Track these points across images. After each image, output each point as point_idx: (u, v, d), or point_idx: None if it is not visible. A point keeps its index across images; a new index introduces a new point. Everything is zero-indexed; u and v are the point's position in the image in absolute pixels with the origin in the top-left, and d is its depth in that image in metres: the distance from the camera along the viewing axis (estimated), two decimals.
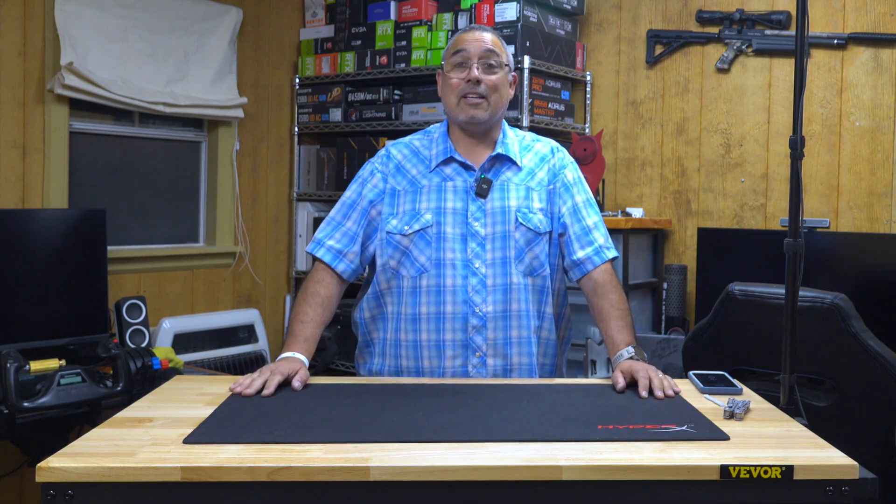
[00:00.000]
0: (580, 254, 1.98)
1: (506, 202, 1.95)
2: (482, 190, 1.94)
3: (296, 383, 1.69)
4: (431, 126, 2.09)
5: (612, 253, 2.00)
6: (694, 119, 3.53)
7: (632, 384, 1.73)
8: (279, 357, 1.82)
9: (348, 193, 2.03)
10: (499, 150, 1.98)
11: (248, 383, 1.67)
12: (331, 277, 1.96)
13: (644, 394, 1.66)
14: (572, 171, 2.05)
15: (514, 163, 1.99)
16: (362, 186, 2.02)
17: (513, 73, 2.03)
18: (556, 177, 2.01)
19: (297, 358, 1.80)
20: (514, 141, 2.03)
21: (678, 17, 3.55)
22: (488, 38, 1.96)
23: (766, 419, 1.56)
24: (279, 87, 4.06)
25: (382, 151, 2.06)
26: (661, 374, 1.73)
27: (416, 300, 1.93)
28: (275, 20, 4.02)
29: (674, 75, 3.57)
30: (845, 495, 1.29)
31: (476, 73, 1.92)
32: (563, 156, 2.06)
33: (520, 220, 1.94)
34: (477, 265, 1.92)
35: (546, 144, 2.07)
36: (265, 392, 1.65)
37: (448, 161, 1.98)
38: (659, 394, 1.66)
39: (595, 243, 1.98)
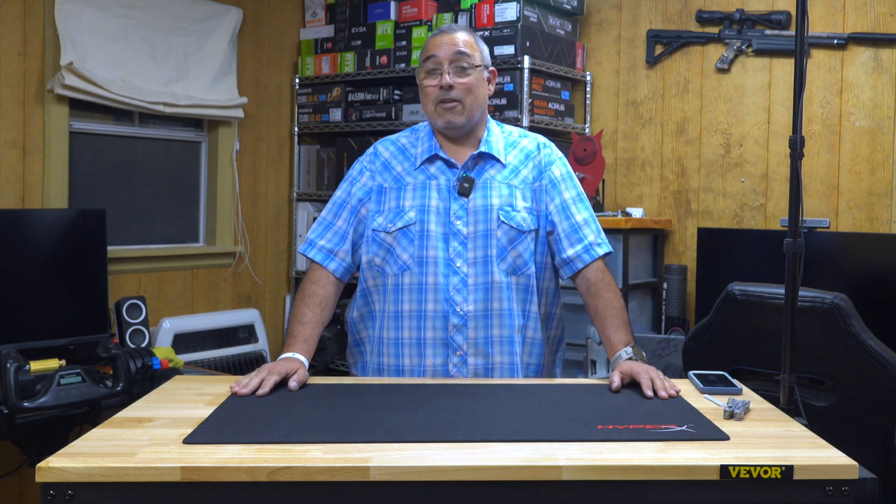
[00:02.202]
0: (570, 252, 1.96)
1: (488, 200, 1.94)
2: (464, 188, 1.93)
3: (292, 383, 1.69)
4: (419, 124, 2.09)
5: (603, 249, 1.97)
6: (694, 119, 3.53)
7: (631, 385, 1.73)
8: (279, 358, 1.82)
9: (338, 193, 2.04)
10: (482, 148, 1.97)
11: (245, 382, 1.67)
12: (327, 277, 1.96)
13: (649, 393, 1.66)
14: (560, 167, 2.02)
15: (498, 160, 1.98)
16: (351, 185, 2.03)
17: (490, 69, 2.00)
18: (542, 174, 1.99)
19: (296, 358, 1.80)
20: (499, 138, 2.02)
21: (678, 17, 3.55)
22: (459, 38, 1.94)
23: (766, 419, 1.56)
24: (279, 87, 4.06)
25: (370, 150, 2.07)
26: (661, 375, 1.73)
27: (398, 297, 1.93)
28: (275, 20, 4.02)
29: (674, 75, 3.57)
30: (845, 495, 1.29)
31: (447, 78, 1.90)
32: (550, 151, 2.03)
33: (502, 218, 1.93)
34: (458, 264, 1.92)
35: (532, 140, 2.04)
36: (260, 392, 1.65)
37: (433, 159, 1.98)
38: (663, 394, 1.66)
39: (585, 240, 1.96)
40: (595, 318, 1.93)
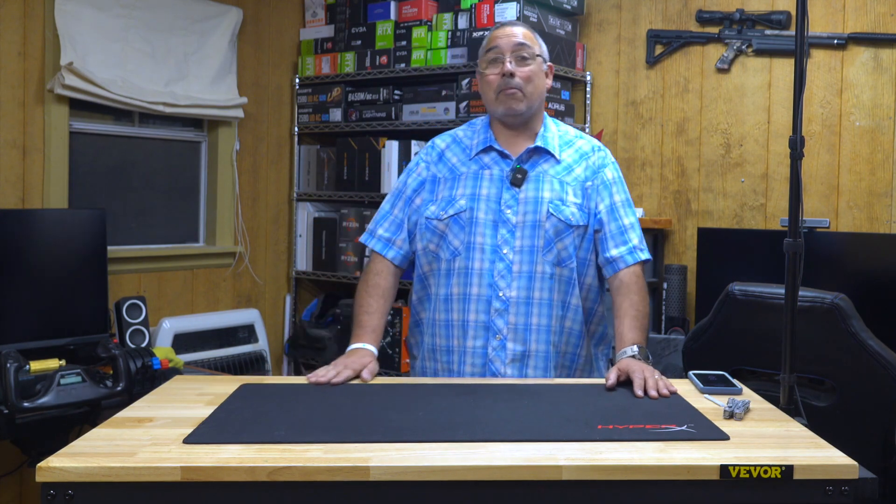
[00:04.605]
0: (614, 252, 2.01)
1: (539, 193, 1.99)
2: (516, 179, 1.99)
3: (365, 374, 1.79)
4: (476, 119, 2.16)
5: (644, 255, 2.04)
6: (694, 119, 3.53)
7: (627, 382, 1.74)
8: (349, 348, 1.91)
9: (396, 184, 2.15)
10: (538, 142, 2.03)
11: (322, 373, 1.78)
12: (387, 268, 2.07)
13: (639, 393, 1.67)
14: (612, 171, 2.08)
15: (553, 156, 2.04)
16: (407, 176, 2.13)
17: (548, 64, 2.07)
18: (595, 174, 2.05)
19: (366, 349, 1.90)
20: (555, 135, 2.08)
21: (678, 17, 3.55)
22: (519, 31, 2.02)
23: (766, 419, 1.56)
24: (279, 87, 4.06)
25: (428, 143, 2.16)
26: (657, 375, 1.74)
27: (449, 281, 2.01)
28: (275, 20, 4.02)
29: (674, 75, 3.57)
30: (845, 495, 1.29)
31: (509, 66, 1.97)
32: (605, 154, 2.10)
33: (551, 211, 1.98)
34: (505, 251, 1.98)
35: (588, 143, 2.11)
36: (334, 381, 1.75)
37: (487, 150, 2.05)
38: (653, 393, 1.67)
39: (630, 243, 2.02)
40: (617, 314, 1.98)
